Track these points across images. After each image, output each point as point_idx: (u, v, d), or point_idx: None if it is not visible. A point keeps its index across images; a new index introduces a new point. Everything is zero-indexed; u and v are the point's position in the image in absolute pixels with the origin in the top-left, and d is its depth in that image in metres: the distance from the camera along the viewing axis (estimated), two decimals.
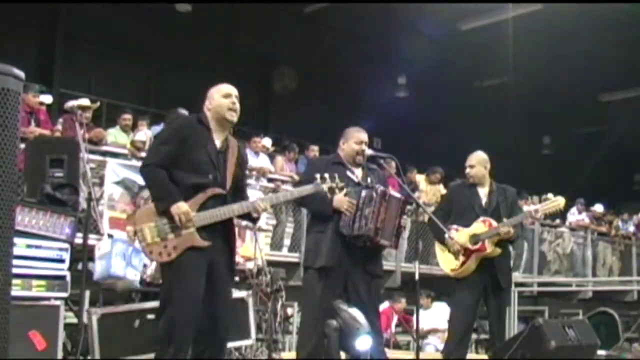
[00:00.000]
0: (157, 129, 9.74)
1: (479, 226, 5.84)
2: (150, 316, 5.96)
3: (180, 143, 4.16)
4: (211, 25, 14.89)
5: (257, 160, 10.49)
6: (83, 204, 6.01)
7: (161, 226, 4.09)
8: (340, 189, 4.68)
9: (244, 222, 8.70)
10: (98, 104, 4.65)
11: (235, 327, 5.95)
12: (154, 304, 5.87)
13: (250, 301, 6.60)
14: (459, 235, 5.83)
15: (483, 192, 5.97)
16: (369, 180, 5.17)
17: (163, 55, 15.55)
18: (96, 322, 5.46)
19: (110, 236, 6.48)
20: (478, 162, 5.96)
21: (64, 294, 5.17)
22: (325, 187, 4.57)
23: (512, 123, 17.67)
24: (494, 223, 5.78)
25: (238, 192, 4.38)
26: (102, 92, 12.55)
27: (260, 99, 17.31)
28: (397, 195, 5.18)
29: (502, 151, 18.99)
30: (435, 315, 10.12)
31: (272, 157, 11.07)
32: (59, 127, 8.35)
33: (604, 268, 15.49)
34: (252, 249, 7.65)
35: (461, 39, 15.24)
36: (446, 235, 5.74)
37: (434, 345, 9.81)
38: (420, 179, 11.97)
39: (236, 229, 9.19)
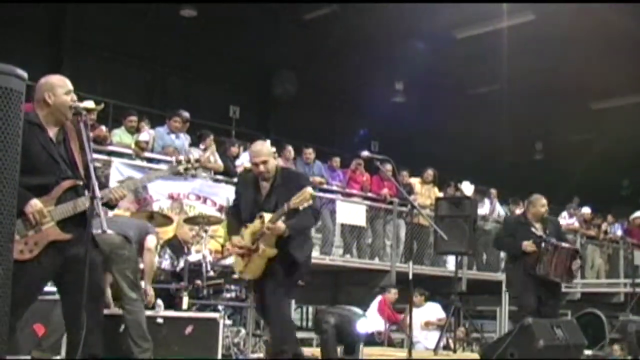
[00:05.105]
0: (160, 129, 9.76)
1: (256, 223, 5.08)
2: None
3: None
4: (214, 31, 14.87)
5: None
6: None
7: (18, 225, 3.66)
8: (196, 169, 4.71)
9: None
10: (102, 105, 4.60)
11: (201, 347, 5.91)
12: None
13: (222, 323, 6.05)
14: (246, 233, 5.16)
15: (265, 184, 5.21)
16: (547, 232, 7.26)
17: (166, 59, 15.54)
18: None
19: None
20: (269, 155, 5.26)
21: None
22: (181, 168, 4.58)
23: (505, 129, 17.66)
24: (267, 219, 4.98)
25: (90, 178, 3.99)
26: (107, 94, 12.51)
27: (260, 103, 17.32)
28: (566, 246, 7.27)
29: (495, 156, 19.09)
30: (427, 313, 10.16)
31: None
32: None
33: (592, 270, 15.49)
34: None
35: (457, 47, 15.25)
36: None
37: (424, 344, 9.81)
38: (414, 181, 11.98)
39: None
